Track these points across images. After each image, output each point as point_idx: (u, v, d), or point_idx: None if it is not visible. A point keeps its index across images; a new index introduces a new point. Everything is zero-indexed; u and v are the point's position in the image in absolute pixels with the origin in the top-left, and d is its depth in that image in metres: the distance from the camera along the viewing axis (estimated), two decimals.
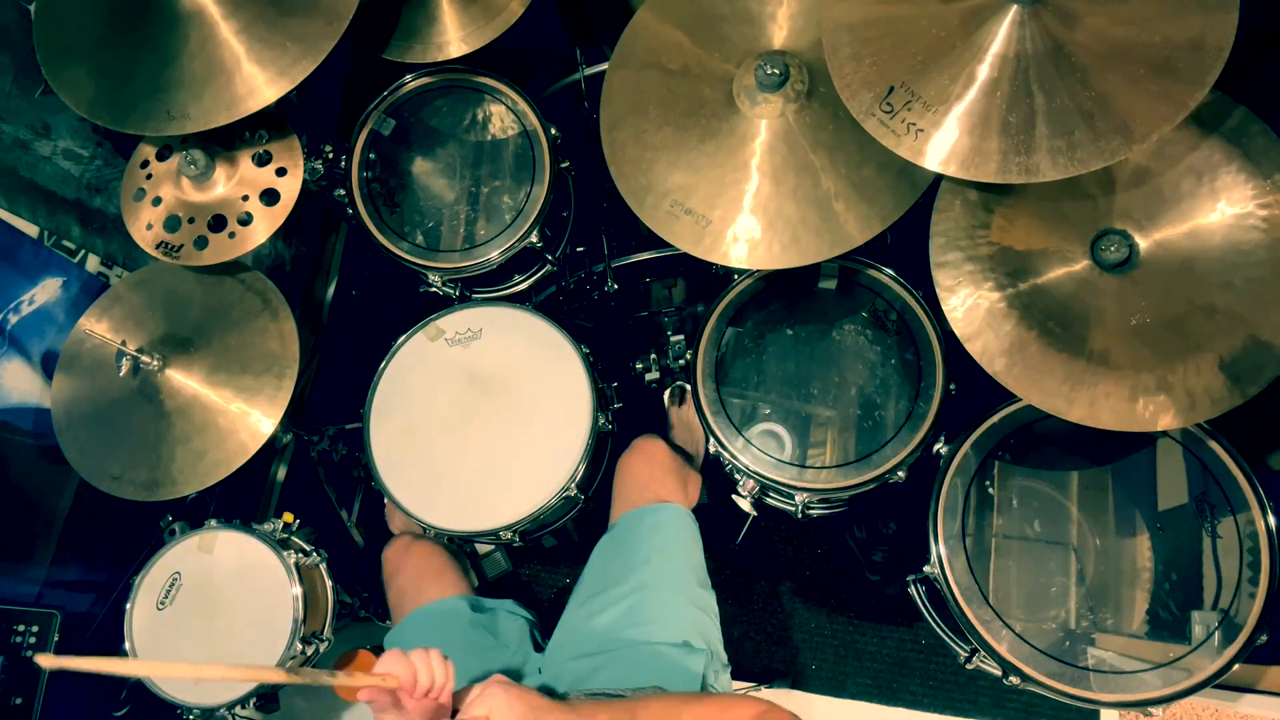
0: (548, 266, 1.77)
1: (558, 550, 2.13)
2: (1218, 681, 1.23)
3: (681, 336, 1.73)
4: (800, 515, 1.54)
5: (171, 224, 1.54)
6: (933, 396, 1.44)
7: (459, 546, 2.00)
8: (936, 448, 1.43)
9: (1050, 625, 1.32)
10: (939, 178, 1.30)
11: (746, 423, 1.49)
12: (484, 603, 1.57)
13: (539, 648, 1.50)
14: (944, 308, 1.26)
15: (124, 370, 1.48)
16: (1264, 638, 1.24)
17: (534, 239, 1.63)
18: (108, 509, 1.64)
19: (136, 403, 1.53)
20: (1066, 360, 1.21)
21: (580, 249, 1.89)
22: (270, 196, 1.53)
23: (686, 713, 1.00)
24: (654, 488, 1.55)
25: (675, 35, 1.46)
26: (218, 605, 1.50)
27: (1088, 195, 1.26)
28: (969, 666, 1.41)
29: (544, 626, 1.55)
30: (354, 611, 1.78)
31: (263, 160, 1.55)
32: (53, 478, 1.65)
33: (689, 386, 1.53)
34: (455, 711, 1.01)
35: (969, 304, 1.26)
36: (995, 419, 1.41)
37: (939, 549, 1.36)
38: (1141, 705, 1.25)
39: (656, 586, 1.40)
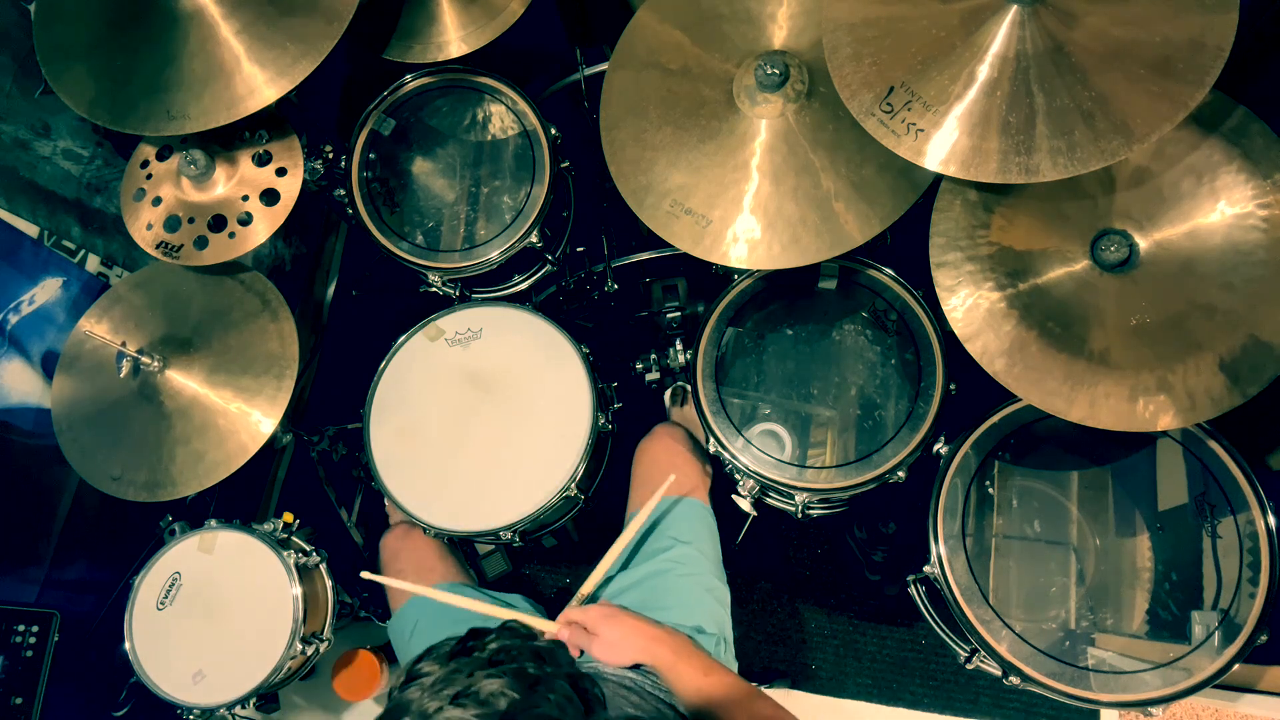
0: (548, 266, 1.77)
1: (558, 550, 2.13)
2: (1218, 681, 1.23)
3: (681, 335, 1.73)
4: (800, 515, 1.54)
5: (171, 224, 1.54)
6: (933, 396, 1.44)
7: (459, 546, 2.00)
8: (936, 448, 1.43)
9: (1050, 625, 1.32)
10: (939, 178, 1.30)
11: (746, 423, 1.49)
12: (490, 592, 1.58)
13: None
14: (944, 308, 1.26)
15: (124, 371, 1.48)
16: (1264, 638, 1.24)
17: (534, 239, 1.62)
18: (108, 509, 1.64)
19: (137, 404, 1.53)
20: (1066, 360, 1.21)
21: (580, 249, 1.88)
22: (270, 196, 1.53)
23: (742, 704, 1.12)
24: (675, 476, 1.55)
25: (675, 35, 1.46)
26: (218, 605, 1.50)
27: (1088, 195, 1.26)
28: (969, 666, 1.41)
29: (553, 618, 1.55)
30: (354, 611, 1.78)
31: (263, 160, 1.55)
32: (53, 478, 1.65)
33: (689, 386, 1.53)
34: None
35: (969, 304, 1.26)
36: (995, 419, 1.41)
37: (939, 549, 1.36)
38: (1141, 705, 1.25)
39: (675, 573, 1.41)
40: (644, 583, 1.41)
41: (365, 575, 1.42)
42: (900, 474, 1.43)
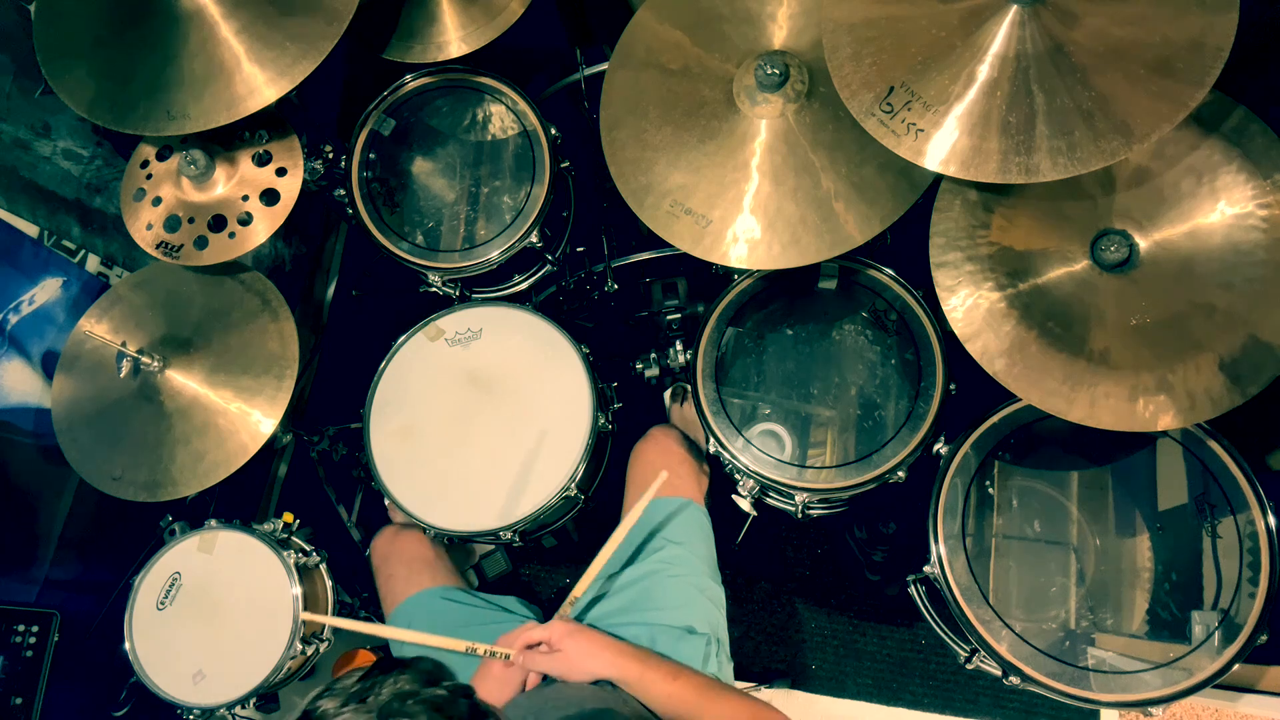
0: (548, 266, 1.77)
1: (558, 550, 2.13)
2: (1218, 681, 1.23)
3: (681, 335, 1.73)
4: (800, 515, 1.54)
5: (171, 224, 1.54)
6: (933, 396, 1.44)
7: (459, 546, 2.00)
8: (936, 448, 1.43)
9: (1050, 625, 1.32)
10: (939, 178, 1.30)
11: (746, 423, 1.49)
12: (484, 595, 1.58)
13: None
14: (944, 308, 1.27)
15: (124, 371, 1.48)
16: (1264, 638, 1.24)
17: (534, 239, 1.63)
18: (108, 509, 1.64)
19: (137, 403, 1.53)
20: (1066, 360, 1.21)
21: (580, 249, 1.89)
22: (270, 196, 1.53)
23: (714, 701, 1.11)
24: (669, 478, 1.55)
25: (675, 35, 1.46)
26: (218, 605, 1.50)
27: (1088, 195, 1.26)
28: (969, 666, 1.41)
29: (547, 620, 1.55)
30: (354, 611, 1.78)
31: (263, 160, 1.55)
32: (53, 478, 1.65)
33: (689, 386, 1.53)
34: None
35: (969, 304, 1.26)
36: (995, 419, 1.41)
37: (939, 549, 1.36)
38: (1141, 705, 1.25)
39: (667, 574, 1.41)
40: (635, 584, 1.41)
41: (304, 616, 1.43)
42: (900, 474, 1.43)
